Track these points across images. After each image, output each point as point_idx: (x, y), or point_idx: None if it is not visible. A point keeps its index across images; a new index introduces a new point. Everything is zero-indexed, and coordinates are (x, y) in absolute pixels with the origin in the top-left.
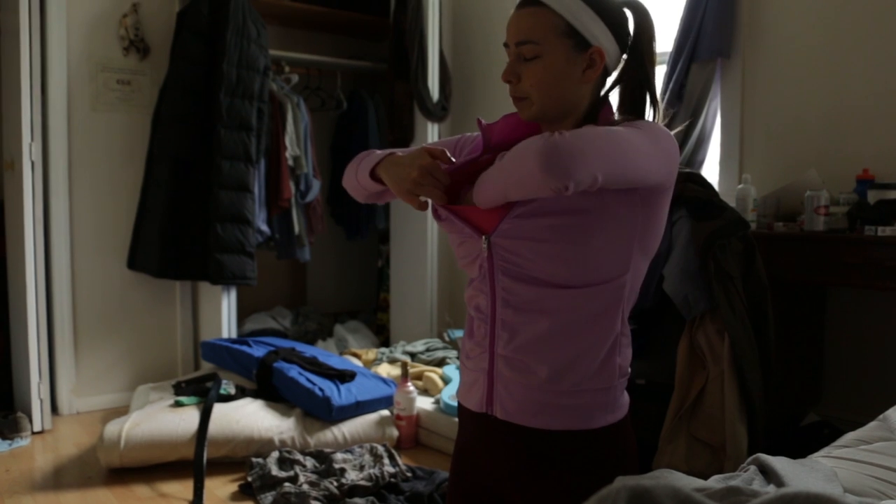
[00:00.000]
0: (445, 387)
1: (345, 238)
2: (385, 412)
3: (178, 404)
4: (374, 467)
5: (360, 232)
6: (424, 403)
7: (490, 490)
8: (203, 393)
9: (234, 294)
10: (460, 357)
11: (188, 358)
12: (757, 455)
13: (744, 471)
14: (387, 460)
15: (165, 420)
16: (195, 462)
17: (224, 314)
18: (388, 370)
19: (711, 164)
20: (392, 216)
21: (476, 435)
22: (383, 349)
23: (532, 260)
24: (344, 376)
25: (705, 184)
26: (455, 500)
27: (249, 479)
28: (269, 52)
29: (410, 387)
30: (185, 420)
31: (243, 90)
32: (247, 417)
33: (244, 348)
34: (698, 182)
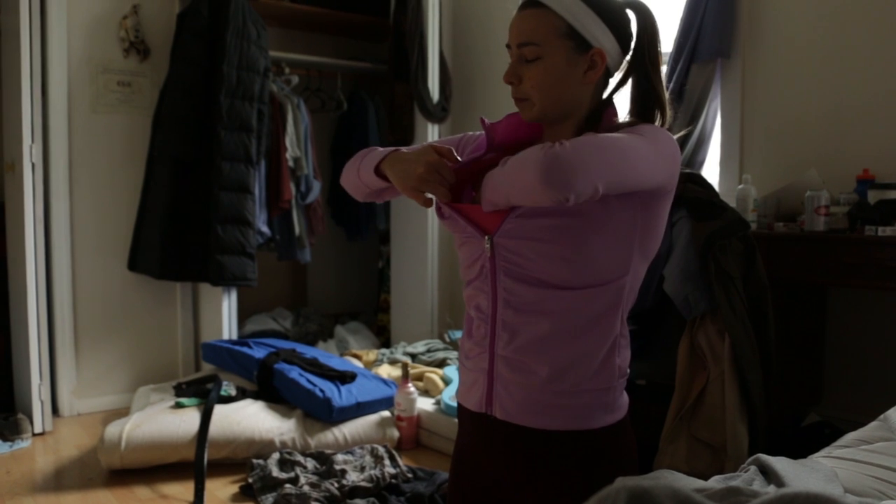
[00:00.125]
0: (446, 388)
1: (345, 239)
2: (386, 413)
3: (178, 406)
4: (375, 468)
5: (361, 233)
6: (425, 404)
7: (490, 490)
8: (204, 394)
9: (234, 295)
10: (459, 357)
11: (189, 359)
12: (757, 455)
13: (744, 471)
14: (387, 461)
15: (166, 421)
16: (196, 463)
17: (224, 315)
18: (388, 371)
19: (712, 165)
20: (392, 217)
21: (476, 435)
22: (384, 350)
23: (533, 260)
24: (345, 377)
25: (705, 184)
26: (455, 501)
27: (250, 480)
28: (269, 54)
29: (411, 388)
30: (186, 421)
31: (243, 91)
32: (247, 419)
33: (245, 350)
34: (698, 182)
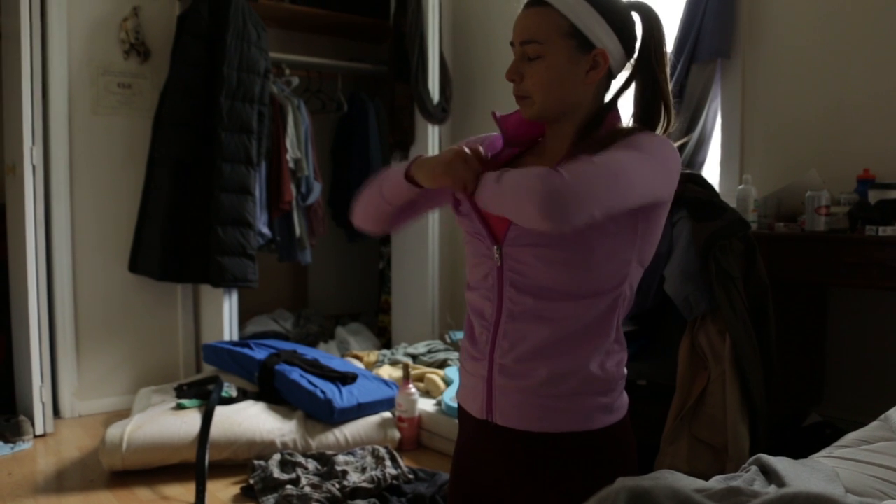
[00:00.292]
0: (447, 388)
1: (346, 240)
2: (387, 414)
3: (179, 407)
4: (376, 469)
5: (362, 234)
6: (426, 405)
7: (490, 491)
8: (205, 395)
9: (235, 297)
10: (460, 358)
11: (190, 361)
12: (758, 455)
13: (745, 471)
14: (389, 462)
15: (167, 423)
16: (197, 465)
17: (225, 317)
18: (389, 372)
19: (712, 165)
20: None
21: (476, 438)
22: (385, 351)
23: (536, 267)
24: (346, 378)
25: (706, 184)
26: (455, 501)
27: (251, 481)
28: (269, 55)
29: (412, 389)
30: (187, 423)
31: (244, 93)
32: (248, 420)
33: (246, 351)
34: (699, 183)
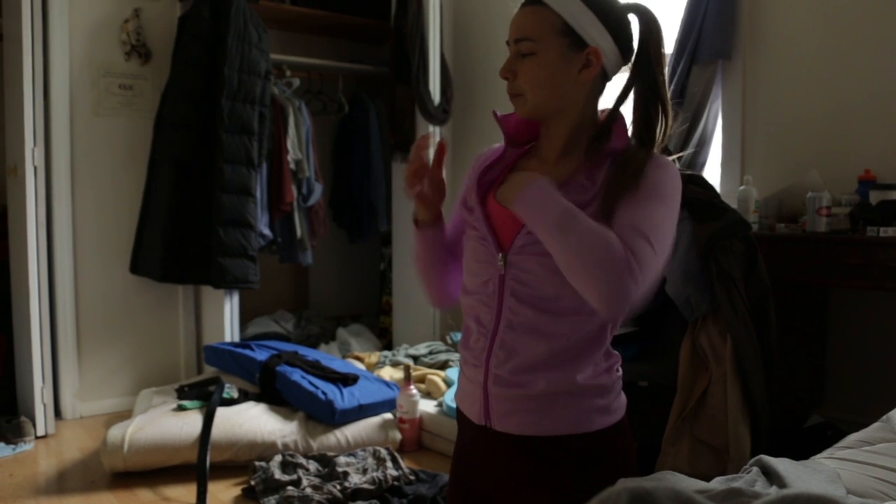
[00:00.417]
0: (448, 390)
1: (347, 241)
2: (388, 415)
3: (181, 408)
4: (378, 470)
5: (363, 235)
6: (427, 406)
7: (490, 492)
8: (206, 397)
9: (236, 298)
10: (459, 360)
11: (191, 362)
12: (759, 456)
13: (746, 472)
14: (390, 463)
15: (169, 424)
16: (198, 466)
17: (227, 318)
18: (390, 373)
19: (713, 166)
20: (394, 219)
21: (475, 441)
22: (386, 352)
23: (540, 276)
24: (347, 380)
25: (707, 185)
26: (455, 502)
27: (252, 482)
28: (270, 56)
29: (413, 390)
30: (189, 424)
31: (245, 94)
32: (250, 421)
33: (247, 352)
34: (700, 184)
